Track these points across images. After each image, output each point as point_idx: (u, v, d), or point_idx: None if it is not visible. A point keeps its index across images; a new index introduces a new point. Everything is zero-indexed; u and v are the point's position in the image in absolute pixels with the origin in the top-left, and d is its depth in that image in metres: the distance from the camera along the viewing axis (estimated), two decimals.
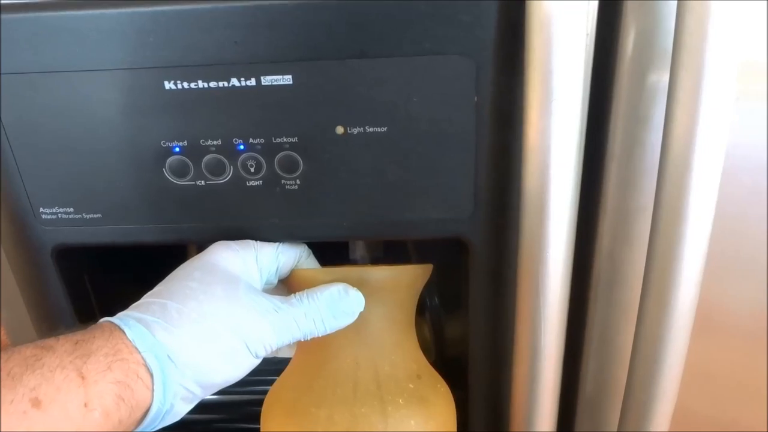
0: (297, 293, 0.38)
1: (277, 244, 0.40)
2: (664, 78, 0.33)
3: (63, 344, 0.30)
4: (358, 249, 0.48)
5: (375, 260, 0.48)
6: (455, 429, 0.46)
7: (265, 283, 0.40)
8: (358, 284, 0.40)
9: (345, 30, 0.34)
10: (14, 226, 0.41)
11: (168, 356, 0.32)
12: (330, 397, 0.42)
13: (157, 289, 0.36)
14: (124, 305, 0.35)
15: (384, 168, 0.37)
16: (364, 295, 0.40)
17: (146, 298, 0.35)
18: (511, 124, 0.36)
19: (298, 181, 0.38)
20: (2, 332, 0.49)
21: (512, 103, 0.35)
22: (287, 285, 0.43)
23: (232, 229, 0.40)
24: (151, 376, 0.31)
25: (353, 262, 0.48)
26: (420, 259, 0.47)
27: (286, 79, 0.35)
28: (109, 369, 0.30)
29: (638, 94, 0.36)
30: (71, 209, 0.40)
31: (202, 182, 0.38)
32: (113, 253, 0.47)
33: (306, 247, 0.43)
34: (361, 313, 0.40)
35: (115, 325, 0.32)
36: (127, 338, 0.31)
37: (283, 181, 0.38)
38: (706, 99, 0.31)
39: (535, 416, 0.41)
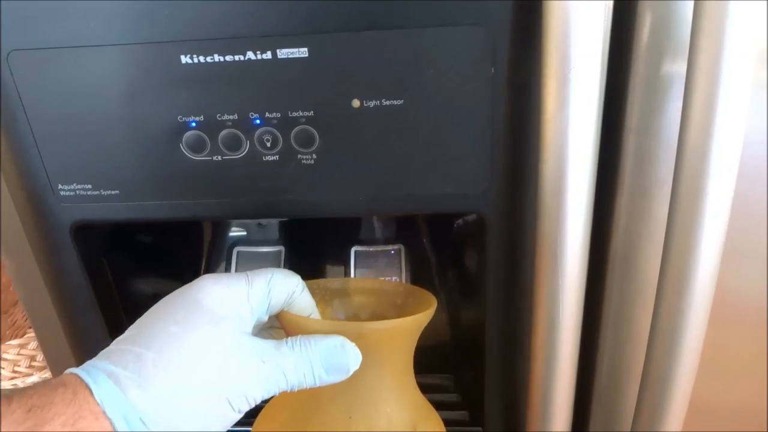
0: (290, 339, 0.34)
1: (270, 274, 0.36)
2: (685, 51, 0.33)
3: (14, 411, 0.26)
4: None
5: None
6: None
7: (256, 320, 0.36)
8: (355, 339, 0.35)
9: (361, 1, 0.34)
10: (33, 203, 0.41)
11: (140, 419, 0.28)
12: None
13: (133, 331, 0.32)
14: (140, 281, 0.34)
15: (400, 141, 0.37)
16: (360, 350, 0.35)
17: (121, 345, 0.31)
18: (527, 96, 0.36)
19: (314, 156, 0.38)
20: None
21: (529, 74, 0.35)
22: (280, 322, 0.38)
23: (248, 204, 0.40)
24: None
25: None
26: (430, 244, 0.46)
27: (302, 52, 0.35)
28: None
29: (657, 65, 0.36)
30: (89, 186, 0.40)
31: (219, 158, 0.39)
32: (131, 230, 0.47)
33: (300, 279, 0.38)
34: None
35: (82, 380, 0.29)
36: (94, 399, 0.28)
37: (299, 156, 0.38)
38: (726, 74, 0.30)
39: (552, 392, 0.41)
